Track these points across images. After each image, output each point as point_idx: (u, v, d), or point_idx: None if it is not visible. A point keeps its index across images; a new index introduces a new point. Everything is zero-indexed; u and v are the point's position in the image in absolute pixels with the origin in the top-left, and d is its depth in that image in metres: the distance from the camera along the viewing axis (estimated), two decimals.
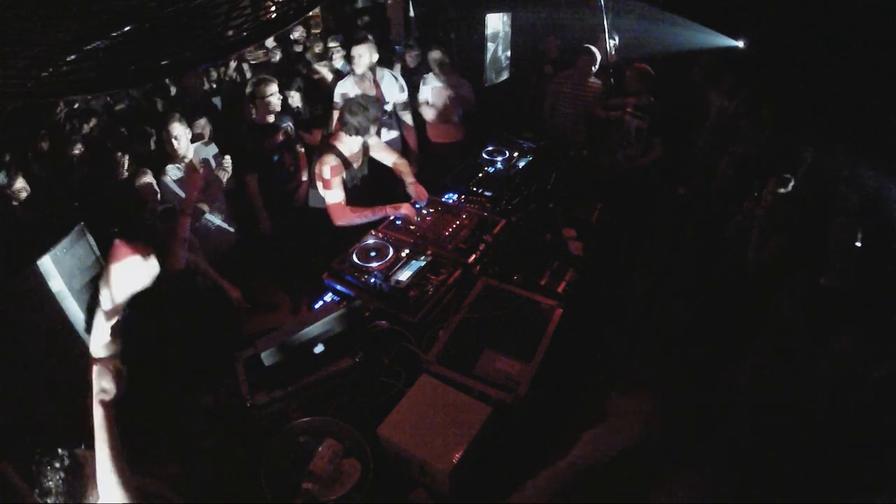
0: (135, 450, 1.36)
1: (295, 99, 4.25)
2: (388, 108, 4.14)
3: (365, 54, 3.93)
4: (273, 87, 3.55)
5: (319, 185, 2.97)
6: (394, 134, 4.24)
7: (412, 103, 4.30)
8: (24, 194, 3.10)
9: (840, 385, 2.47)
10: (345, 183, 3.01)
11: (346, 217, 2.94)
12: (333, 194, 2.92)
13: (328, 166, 2.90)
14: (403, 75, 4.45)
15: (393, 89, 4.10)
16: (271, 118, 3.60)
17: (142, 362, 2.41)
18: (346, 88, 4.06)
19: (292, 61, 5.25)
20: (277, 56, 5.19)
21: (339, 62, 4.85)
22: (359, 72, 3.97)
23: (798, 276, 3.08)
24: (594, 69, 4.30)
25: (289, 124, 3.72)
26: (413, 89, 4.42)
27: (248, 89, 3.58)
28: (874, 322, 2.52)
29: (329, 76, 4.61)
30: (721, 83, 4.50)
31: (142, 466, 1.37)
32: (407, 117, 4.28)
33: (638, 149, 4.19)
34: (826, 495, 2.10)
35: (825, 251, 2.96)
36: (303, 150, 3.87)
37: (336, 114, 4.05)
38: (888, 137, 3.09)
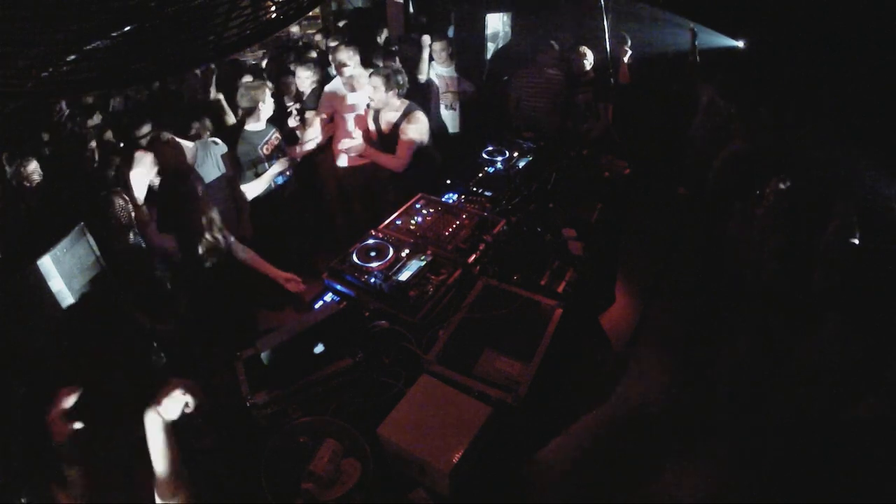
0: (134, 449, 1.36)
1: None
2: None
3: (350, 54, 3.99)
4: (266, 94, 3.56)
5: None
6: None
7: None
8: (36, 177, 3.11)
9: (839, 385, 2.47)
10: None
11: None
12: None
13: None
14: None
15: (379, 91, 4.12)
16: (261, 125, 3.61)
17: (142, 361, 2.42)
18: (335, 90, 4.11)
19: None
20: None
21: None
22: (344, 75, 4.02)
23: (795, 275, 3.08)
24: (553, 61, 4.64)
25: (275, 131, 3.74)
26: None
27: (241, 93, 3.58)
28: (871, 322, 2.52)
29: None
30: (714, 78, 4.53)
31: (142, 466, 1.37)
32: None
33: (591, 121, 4.60)
34: (826, 495, 2.10)
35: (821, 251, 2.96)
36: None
37: (316, 119, 4.11)
38: (888, 137, 3.09)
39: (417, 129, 3.64)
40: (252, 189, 3.60)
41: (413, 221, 2.92)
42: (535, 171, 3.49)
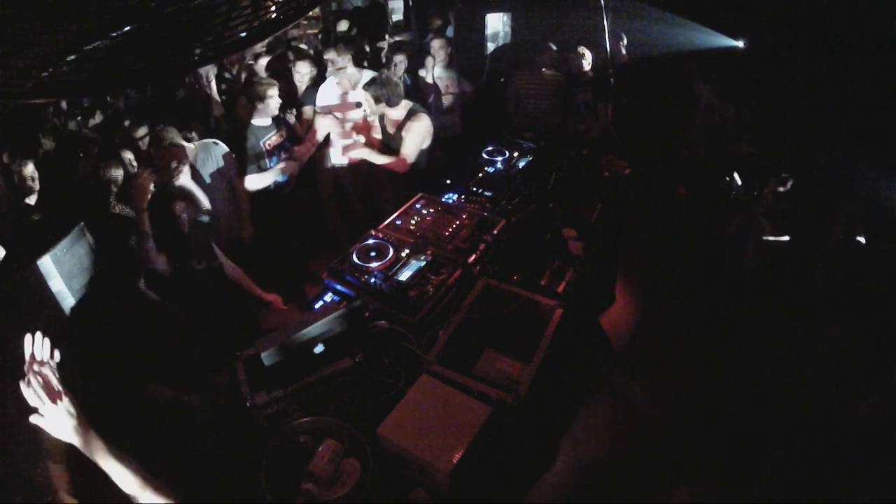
0: (133, 449, 1.36)
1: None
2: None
3: (344, 53, 4.02)
4: (274, 90, 3.56)
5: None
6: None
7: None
8: (32, 182, 3.10)
9: (838, 385, 2.47)
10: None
11: None
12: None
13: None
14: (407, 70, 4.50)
15: (371, 104, 4.14)
16: (268, 121, 3.62)
17: (143, 360, 2.42)
18: (328, 90, 4.14)
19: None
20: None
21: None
22: (334, 74, 4.05)
23: (796, 275, 3.08)
24: (551, 62, 4.66)
25: (280, 130, 3.74)
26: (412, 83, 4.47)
27: (250, 90, 3.59)
28: (872, 322, 2.52)
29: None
30: (711, 78, 4.54)
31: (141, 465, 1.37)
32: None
33: (589, 121, 4.63)
34: (826, 495, 2.10)
35: (822, 251, 2.97)
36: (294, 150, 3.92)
37: (320, 119, 4.12)
38: (888, 137, 3.09)
39: (420, 130, 3.65)
40: (256, 181, 3.61)
41: (413, 221, 2.92)
42: (535, 171, 3.50)
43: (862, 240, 2.82)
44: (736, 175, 3.53)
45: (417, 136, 3.64)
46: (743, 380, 3.04)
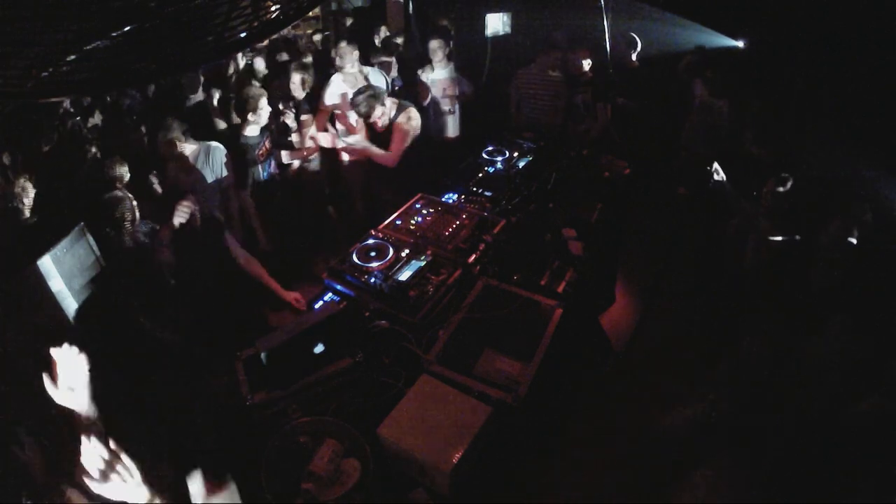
0: (133, 450, 1.36)
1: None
2: None
3: (349, 52, 4.03)
4: (264, 100, 3.57)
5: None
6: None
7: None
8: (29, 193, 3.10)
9: (838, 385, 2.47)
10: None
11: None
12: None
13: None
14: (401, 70, 4.51)
15: (380, 84, 4.16)
16: (256, 131, 3.63)
17: (142, 359, 2.42)
18: (336, 86, 4.13)
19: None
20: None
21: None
22: (348, 68, 4.06)
23: (796, 275, 3.08)
24: (553, 62, 4.61)
25: (268, 137, 3.76)
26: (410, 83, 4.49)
27: (238, 100, 3.60)
28: (872, 322, 2.52)
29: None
30: (706, 76, 4.54)
31: (141, 466, 1.37)
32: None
33: (589, 121, 4.62)
34: (826, 495, 2.10)
35: (822, 251, 2.97)
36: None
37: (321, 119, 4.14)
38: (888, 137, 3.09)
39: (411, 124, 3.70)
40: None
41: (413, 221, 2.92)
42: (535, 171, 3.50)
43: (853, 240, 2.81)
44: (716, 164, 3.53)
45: (409, 129, 3.69)
46: (743, 380, 3.04)
